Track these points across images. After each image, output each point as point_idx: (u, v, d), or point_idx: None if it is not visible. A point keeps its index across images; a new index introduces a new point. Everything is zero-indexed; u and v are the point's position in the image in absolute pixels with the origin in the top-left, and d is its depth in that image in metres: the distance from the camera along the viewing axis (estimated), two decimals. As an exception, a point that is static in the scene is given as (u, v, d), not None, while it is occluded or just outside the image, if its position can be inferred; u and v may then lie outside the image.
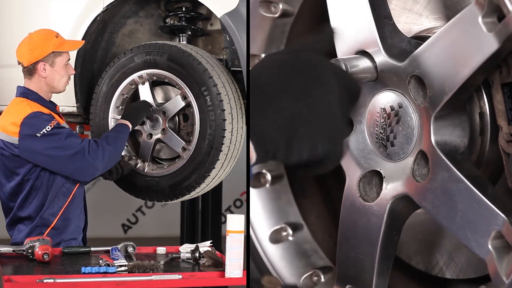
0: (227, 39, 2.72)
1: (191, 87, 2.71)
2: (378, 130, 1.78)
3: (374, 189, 1.84)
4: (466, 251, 1.88)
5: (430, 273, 2.00)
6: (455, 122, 1.70)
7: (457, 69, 1.59)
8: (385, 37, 1.75)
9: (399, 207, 1.79)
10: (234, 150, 2.80)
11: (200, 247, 2.42)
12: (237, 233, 2.09)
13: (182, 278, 2.15)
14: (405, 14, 1.91)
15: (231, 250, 2.11)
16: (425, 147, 1.70)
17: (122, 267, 2.20)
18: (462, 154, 1.70)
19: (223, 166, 2.79)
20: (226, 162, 2.78)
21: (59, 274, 2.14)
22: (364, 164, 1.83)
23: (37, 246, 2.32)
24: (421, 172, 1.73)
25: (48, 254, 2.30)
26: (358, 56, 1.76)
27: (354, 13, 1.78)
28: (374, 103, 1.79)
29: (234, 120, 2.72)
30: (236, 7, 2.63)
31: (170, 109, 2.81)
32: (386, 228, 1.79)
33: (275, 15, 2.11)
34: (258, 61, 1.68)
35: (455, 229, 1.64)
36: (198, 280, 2.25)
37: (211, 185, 2.89)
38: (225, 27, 2.67)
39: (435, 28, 1.85)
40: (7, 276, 2.09)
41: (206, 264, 2.29)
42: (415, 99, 1.71)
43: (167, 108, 2.81)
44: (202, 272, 2.27)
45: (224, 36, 2.75)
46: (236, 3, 2.63)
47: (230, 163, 2.85)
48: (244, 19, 2.58)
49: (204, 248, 2.40)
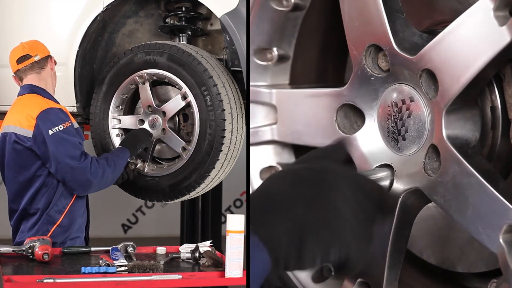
0: (227, 39, 2.72)
1: (191, 87, 2.71)
2: (389, 124, 1.78)
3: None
4: (477, 245, 1.87)
5: (441, 266, 2.01)
6: (467, 116, 1.69)
7: (469, 63, 1.58)
8: (396, 30, 1.75)
9: (410, 200, 1.79)
10: (234, 150, 2.80)
11: (200, 247, 2.42)
12: (237, 233, 2.09)
13: (182, 278, 2.15)
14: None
15: (231, 250, 2.10)
16: (436, 141, 1.69)
17: (122, 267, 2.20)
18: (474, 148, 1.70)
19: (223, 166, 2.79)
20: (226, 162, 2.78)
21: (59, 274, 2.14)
22: (376, 157, 1.84)
23: (37, 246, 2.32)
24: (433, 166, 1.72)
25: (48, 254, 2.30)
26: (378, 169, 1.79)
27: (366, 6, 1.78)
28: (386, 97, 1.79)
29: (234, 120, 2.72)
30: (236, 7, 2.64)
31: (170, 109, 2.81)
32: (397, 222, 1.78)
33: (287, 8, 2.11)
34: (274, 172, 1.70)
35: (466, 223, 1.64)
36: (198, 280, 2.25)
37: (211, 185, 2.89)
38: (225, 27, 2.67)
39: (446, 21, 1.85)
40: (7, 276, 2.09)
41: (206, 264, 2.29)
42: (426, 93, 1.71)
43: (167, 108, 2.81)
44: (202, 272, 2.27)
45: (224, 36, 2.75)
46: (236, 3, 2.63)
47: (230, 163, 2.85)
48: (244, 19, 2.58)
49: (204, 248, 2.40)
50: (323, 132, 1.97)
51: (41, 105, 2.62)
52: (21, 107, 2.68)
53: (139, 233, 6.73)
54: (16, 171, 2.64)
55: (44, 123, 2.57)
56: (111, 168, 2.65)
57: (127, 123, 2.92)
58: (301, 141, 2.07)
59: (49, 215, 2.62)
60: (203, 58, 2.72)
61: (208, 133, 2.69)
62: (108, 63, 3.01)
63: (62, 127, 2.58)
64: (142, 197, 2.96)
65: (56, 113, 2.61)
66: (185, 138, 2.82)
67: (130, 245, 2.49)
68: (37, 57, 2.73)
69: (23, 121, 2.60)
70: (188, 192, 2.82)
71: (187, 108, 2.79)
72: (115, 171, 2.68)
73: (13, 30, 3.27)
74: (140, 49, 2.82)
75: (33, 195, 2.63)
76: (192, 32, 3.00)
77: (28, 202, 2.64)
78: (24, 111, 2.63)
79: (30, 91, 2.71)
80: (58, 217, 2.64)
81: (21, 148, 2.61)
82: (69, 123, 2.61)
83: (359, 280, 1.88)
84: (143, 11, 3.12)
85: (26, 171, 2.62)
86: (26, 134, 2.59)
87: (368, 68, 1.82)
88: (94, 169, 2.58)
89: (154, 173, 2.85)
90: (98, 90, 2.93)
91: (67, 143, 2.58)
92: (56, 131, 2.56)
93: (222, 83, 2.70)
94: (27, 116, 2.60)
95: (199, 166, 2.73)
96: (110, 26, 3.09)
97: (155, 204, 6.68)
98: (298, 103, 2.06)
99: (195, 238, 4.92)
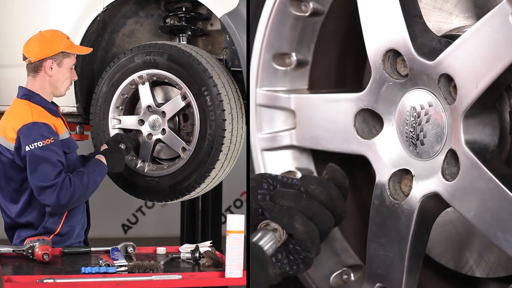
0: (227, 39, 2.72)
1: (191, 87, 2.71)
2: (408, 129, 1.79)
3: (403, 188, 1.84)
4: (496, 249, 1.88)
5: (460, 271, 2.01)
6: (485, 121, 1.69)
7: (487, 68, 1.58)
8: (415, 35, 1.75)
9: (429, 205, 1.79)
10: (234, 150, 2.80)
11: (200, 247, 2.42)
12: (237, 233, 2.09)
13: (182, 278, 2.15)
14: (435, 13, 1.91)
15: (231, 250, 2.10)
16: (455, 145, 1.69)
17: (122, 267, 2.20)
18: (492, 152, 1.69)
19: (223, 166, 2.79)
20: (226, 162, 2.78)
21: (59, 274, 2.14)
22: (394, 162, 1.83)
23: (37, 246, 2.32)
24: (451, 170, 1.72)
25: (48, 254, 2.30)
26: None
27: (384, 11, 1.78)
28: (404, 102, 1.79)
29: (234, 120, 2.72)
30: (236, 7, 2.64)
31: (170, 109, 2.81)
32: (416, 227, 1.79)
33: (305, 14, 2.12)
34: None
35: (485, 227, 1.64)
36: (198, 280, 2.25)
37: (211, 185, 2.89)
38: (225, 27, 2.67)
39: (465, 26, 1.85)
40: (7, 276, 2.09)
41: (206, 264, 2.29)
42: (445, 98, 1.71)
43: (167, 108, 2.81)
44: (202, 272, 2.27)
45: (224, 36, 2.75)
46: (236, 3, 2.63)
47: (230, 163, 2.85)
48: (244, 19, 2.58)
49: (204, 248, 2.40)
50: (341, 137, 1.97)
51: (25, 118, 2.53)
52: (9, 116, 2.62)
53: (139, 233, 6.73)
54: (5, 180, 2.61)
55: (24, 138, 2.50)
56: (84, 187, 2.53)
57: (127, 123, 2.92)
58: (320, 146, 2.07)
59: (46, 227, 2.58)
60: (203, 58, 2.72)
61: (208, 133, 2.69)
62: (108, 63, 3.01)
63: (42, 144, 2.48)
64: (142, 197, 2.96)
65: (38, 128, 2.51)
66: (185, 138, 2.82)
67: (130, 245, 2.48)
68: (29, 60, 2.64)
69: (7, 133, 2.55)
70: (188, 192, 2.82)
71: (187, 108, 2.79)
72: (88, 189, 2.56)
73: (13, 30, 3.27)
74: (140, 49, 2.82)
75: (23, 207, 2.58)
76: (192, 32, 3.00)
77: (18, 214, 2.59)
78: (10, 122, 2.57)
79: (22, 95, 2.64)
80: (56, 228, 2.59)
81: (5, 159, 2.57)
82: (51, 140, 2.51)
83: (378, 285, 1.88)
84: (143, 12, 3.12)
85: (12, 182, 2.59)
86: (9, 147, 2.54)
87: (387, 73, 1.82)
88: (64, 191, 2.47)
89: (154, 173, 2.85)
90: (98, 90, 2.93)
91: (42, 162, 2.48)
92: (34, 147, 2.48)
93: (222, 83, 2.70)
94: (11, 129, 2.54)
95: (199, 166, 2.73)
96: (110, 26, 3.09)
97: (155, 204, 6.67)
98: (316, 108, 2.06)
99: (195, 238, 4.92)
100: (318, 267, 2.16)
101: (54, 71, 2.65)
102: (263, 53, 2.16)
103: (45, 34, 2.69)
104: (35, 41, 2.67)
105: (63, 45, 2.66)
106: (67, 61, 2.67)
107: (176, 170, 2.79)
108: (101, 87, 2.92)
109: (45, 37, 2.67)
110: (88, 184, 2.55)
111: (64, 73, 2.67)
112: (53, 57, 2.64)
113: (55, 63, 2.65)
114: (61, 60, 2.66)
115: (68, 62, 2.68)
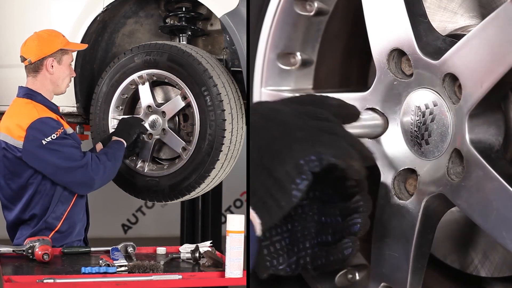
0: (227, 39, 2.72)
1: (191, 87, 2.71)
2: (412, 129, 1.79)
3: (408, 187, 1.84)
4: (501, 249, 1.88)
5: (465, 271, 2.00)
6: (490, 120, 1.69)
7: (492, 67, 1.58)
8: (420, 35, 1.75)
9: (434, 205, 1.78)
10: (234, 150, 2.80)
11: (200, 247, 2.42)
12: (237, 233, 2.09)
13: (182, 278, 2.15)
14: (440, 12, 1.90)
15: (231, 250, 2.11)
16: (459, 145, 1.69)
17: (122, 267, 2.20)
18: (497, 152, 1.69)
19: (223, 166, 2.79)
20: (226, 162, 2.79)
21: (59, 274, 2.14)
22: (399, 162, 1.84)
23: (37, 246, 2.32)
24: (456, 170, 1.72)
25: (48, 254, 2.31)
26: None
27: (389, 11, 1.78)
28: (409, 101, 1.79)
29: (234, 120, 2.72)
30: (236, 7, 2.64)
31: (170, 109, 2.81)
32: (421, 226, 1.78)
33: (310, 13, 2.12)
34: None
35: (490, 227, 1.63)
36: (198, 280, 2.25)
37: (211, 185, 2.89)
38: (225, 27, 2.67)
39: (470, 26, 1.85)
40: (7, 276, 2.09)
41: (206, 264, 2.29)
42: (450, 97, 1.70)
43: (167, 108, 2.81)
44: (202, 272, 2.27)
45: (224, 36, 2.75)
46: (236, 3, 2.63)
47: (230, 163, 2.85)
48: (244, 19, 2.58)
49: (204, 248, 2.40)
50: None
51: (31, 115, 2.57)
52: (12, 114, 2.65)
53: (139, 233, 6.74)
54: (8, 178, 2.62)
55: (36, 134, 2.53)
56: (112, 162, 2.64)
57: (127, 123, 2.92)
58: None
59: (47, 221, 2.60)
60: (203, 58, 2.72)
61: (208, 133, 2.69)
62: (108, 63, 3.01)
63: (56, 135, 2.54)
64: (142, 197, 2.96)
65: (46, 122, 2.57)
66: (185, 138, 2.82)
67: (130, 245, 2.49)
68: (29, 60, 2.66)
69: (13, 130, 2.57)
70: (188, 192, 2.82)
71: (187, 108, 2.79)
72: (116, 164, 2.67)
73: (13, 31, 3.27)
74: (140, 49, 2.82)
75: (27, 203, 2.61)
76: (192, 32, 3.00)
77: (21, 210, 2.62)
78: (14, 120, 2.60)
79: (24, 95, 2.67)
80: (57, 224, 2.62)
81: (11, 156, 2.58)
82: (61, 130, 2.57)
83: (383, 284, 1.88)
84: (143, 12, 3.12)
85: (18, 178, 2.61)
86: (16, 145, 2.56)
87: (391, 73, 1.81)
88: (95, 166, 2.57)
89: (154, 173, 2.85)
90: (98, 90, 2.93)
91: (63, 148, 2.55)
92: (49, 140, 2.53)
93: (222, 83, 2.70)
94: (17, 126, 2.56)
95: (199, 166, 2.73)
96: (110, 27, 3.09)
97: (155, 204, 6.68)
98: None
99: (195, 238, 4.93)
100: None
101: (55, 68, 2.69)
102: (268, 52, 2.16)
103: (42, 34, 2.72)
104: (33, 41, 2.70)
105: (60, 42, 2.70)
106: (66, 58, 2.72)
107: (176, 170, 2.79)
108: (101, 87, 2.92)
109: (42, 37, 2.70)
110: (115, 160, 2.66)
111: (64, 70, 2.71)
112: (53, 55, 2.68)
113: (55, 61, 2.69)
114: (60, 57, 2.70)
115: (67, 59, 2.73)
